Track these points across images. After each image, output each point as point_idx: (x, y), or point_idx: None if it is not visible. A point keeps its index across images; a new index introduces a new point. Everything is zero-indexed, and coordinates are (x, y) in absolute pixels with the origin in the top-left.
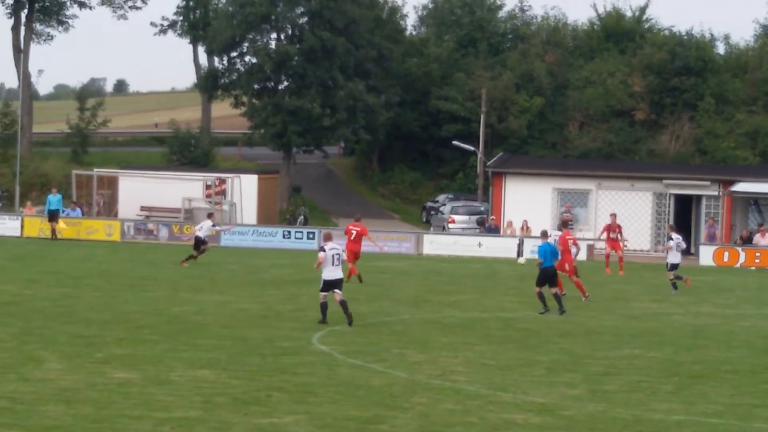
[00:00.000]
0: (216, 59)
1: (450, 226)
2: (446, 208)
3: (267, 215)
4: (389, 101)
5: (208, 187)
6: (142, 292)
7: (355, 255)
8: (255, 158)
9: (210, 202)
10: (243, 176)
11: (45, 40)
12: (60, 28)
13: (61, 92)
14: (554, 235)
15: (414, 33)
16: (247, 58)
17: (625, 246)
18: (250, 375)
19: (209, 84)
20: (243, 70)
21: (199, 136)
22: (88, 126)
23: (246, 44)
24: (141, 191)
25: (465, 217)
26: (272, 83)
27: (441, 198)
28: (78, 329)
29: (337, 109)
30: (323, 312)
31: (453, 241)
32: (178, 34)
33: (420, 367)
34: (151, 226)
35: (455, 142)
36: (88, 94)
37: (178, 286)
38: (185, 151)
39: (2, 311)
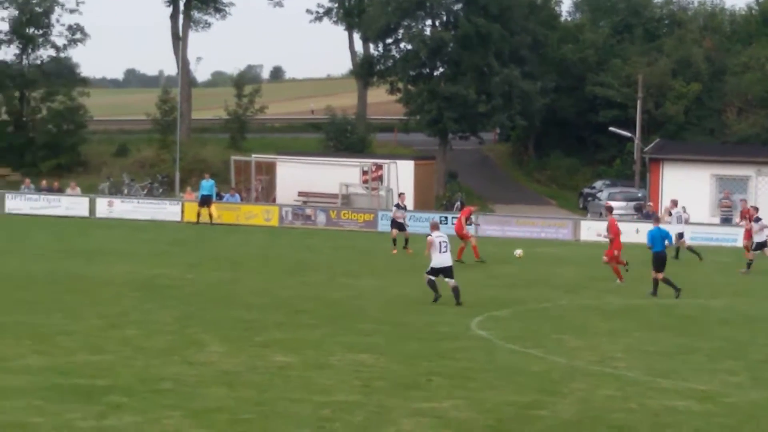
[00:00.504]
0: (371, 46)
1: None
2: (603, 195)
3: (423, 201)
4: (545, 87)
5: (364, 172)
6: (300, 276)
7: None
8: (411, 144)
9: (367, 187)
10: (399, 162)
11: (203, 28)
12: (217, 16)
13: (218, 79)
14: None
15: (569, 19)
16: (402, 45)
17: None
18: (409, 359)
19: (365, 70)
20: (398, 56)
21: (355, 123)
22: (245, 112)
23: (401, 31)
24: (298, 177)
25: (622, 204)
26: (428, 69)
27: (598, 184)
28: (238, 313)
29: (492, 95)
30: (433, 288)
31: None
32: (334, 21)
33: (579, 353)
34: (308, 211)
35: (612, 129)
36: (246, 81)
37: (335, 271)
38: (341, 137)
39: (164, 295)
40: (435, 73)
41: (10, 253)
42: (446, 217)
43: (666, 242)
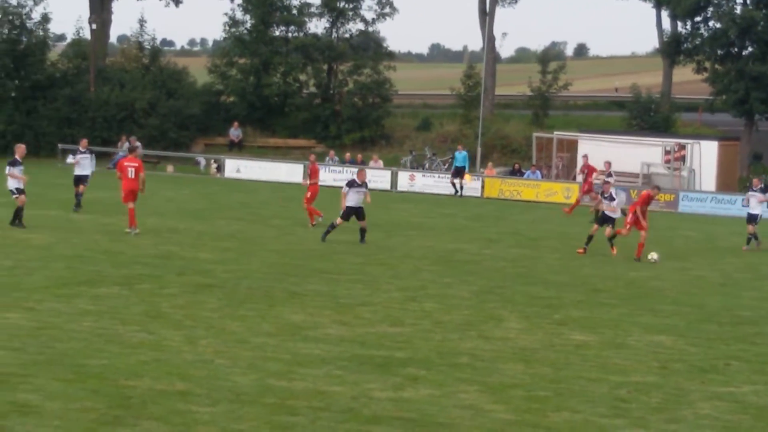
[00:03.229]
0: (679, 24)
1: None
2: None
3: (726, 182)
4: None
5: (667, 152)
6: (599, 255)
7: None
8: (715, 125)
9: (669, 167)
10: (703, 143)
11: (509, 4)
12: None
13: (522, 55)
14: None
15: None
16: (711, 23)
17: None
18: (707, 342)
19: (672, 49)
20: (706, 35)
21: (660, 101)
22: (549, 89)
23: (710, 9)
24: (600, 155)
25: None
26: (736, 49)
27: None
28: (536, 290)
29: None
30: None
31: None
32: None
33: None
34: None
35: None
36: (550, 58)
37: (631, 252)
38: (645, 116)
39: (463, 269)
40: (743, 53)
41: (315, 225)
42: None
43: None
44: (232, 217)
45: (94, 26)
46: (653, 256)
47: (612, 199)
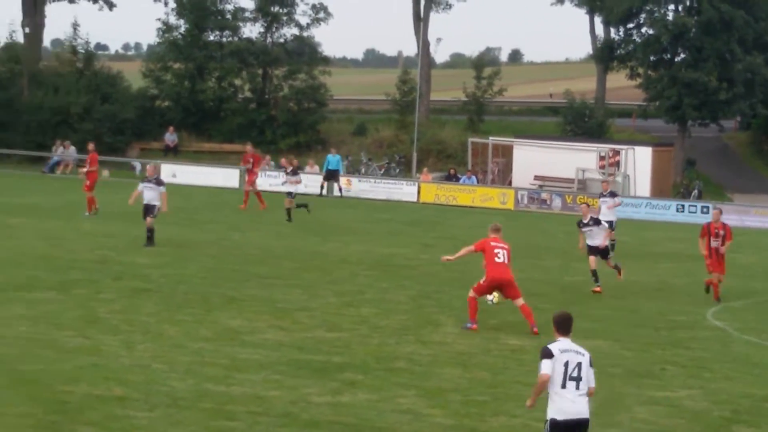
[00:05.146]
0: (612, 30)
1: None
2: None
3: (660, 188)
4: None
5: (601, 158)
6: (536, 260)
7: None
8: (649, 130)
9: (603, 173)
10: (637, 148)
11: (443, 9)
12: None
13: (457, 61)
14: None
15: None
16: (643, 30)
17: None
18: (643, 347)
19: (605, 55)
20: (639, 41)
21: (594, 107)
22: (484, 95)
23: (643, 15)
24: (535, 160)
25: None
26: (669, 55)
27: None
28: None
29: (734, 82)
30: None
31: None
32: (575, 3)
33: None
34: (544, 195)
35: None
36: (484, 63)
37: (570, 257)
38: (579, 122)
39: (400, 274)
40: (676, 59)
41: (251, 230)
42: (683, 206)
43: None
44: (168, 221)
45: (27, 30)
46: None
47: (614, 195)
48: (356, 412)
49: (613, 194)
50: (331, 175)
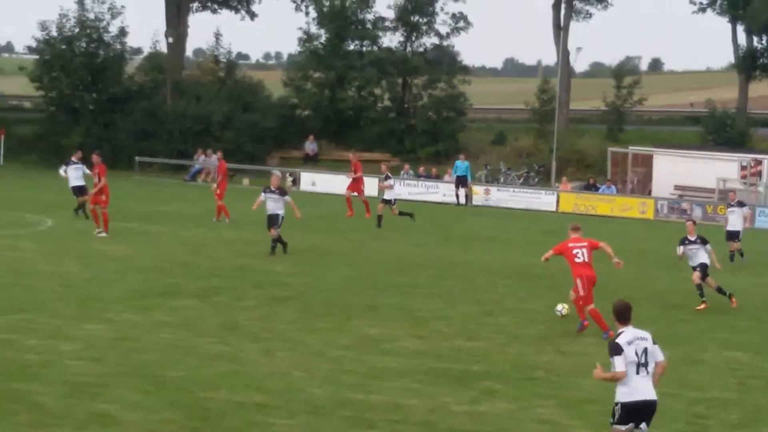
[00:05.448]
0: (755, 39)
1: None
2: None
3: None
4: None
5: (743, 167)
6: (676, 271)
7: None
8: None
9: (745, 183)
10: None
11: (584, 18)
12: (599, 6)
13: (597, 70)
14: None
15: None
16: None
17: None
18: None
19: (747, 64)
20: None
21: (735, 116)
22: (623, 104)
23: None
24: (675, 170)
25: None
26: None
27: None
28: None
29: None
30: None
31: None
32: (717, 12)
33: None
34: (684, 205)
35: None
36: (624, 72)
37: (711, 268)
38: (721, 131)
39: (538, 284)
40: None
41: (390, 239)
42: None
43: None
44: (307, 229)
45: (170, 40)
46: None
47: (742, 205)
48: (495, 421)
49: (741, 204)
50: (460, 182)
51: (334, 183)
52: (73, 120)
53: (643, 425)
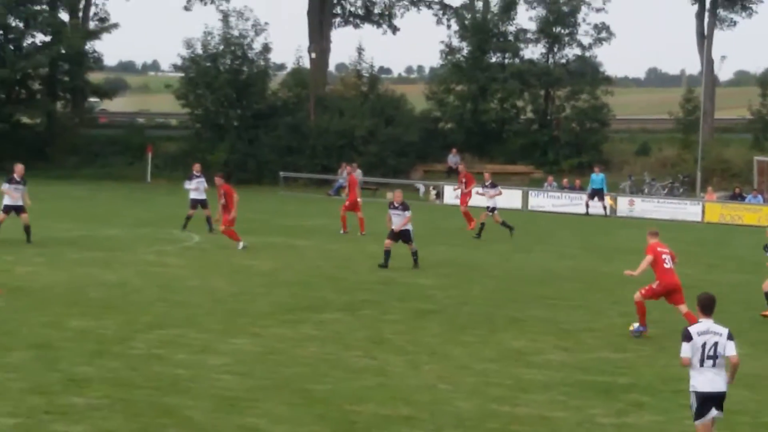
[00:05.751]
0: None
1: None
2: None
3: None
4: None
5: None
6: None
7: None
8: None
9: None
10: None
11: (728, 26)
12: (743, 14)
13: (742, 78)
14: None
15: None
16: None
17: None
18: None
19: None
20: None
21: None
22: None
23: None
24: None
25: None
26: None
27: None
28: (751, 314)
29: None
30: None
31: None
32: None
33: None
34: None
35: None
36: None
37: None
38: None
39: (685, 295)
40: None
41: (534, 251)
42: None
43: None
44: (451, 243)
45: (313, 55)
46: None
47: None
48: None
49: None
50: (596, 194)
51: (478, 196)
52: (218, 136)
53: (715, 412)
